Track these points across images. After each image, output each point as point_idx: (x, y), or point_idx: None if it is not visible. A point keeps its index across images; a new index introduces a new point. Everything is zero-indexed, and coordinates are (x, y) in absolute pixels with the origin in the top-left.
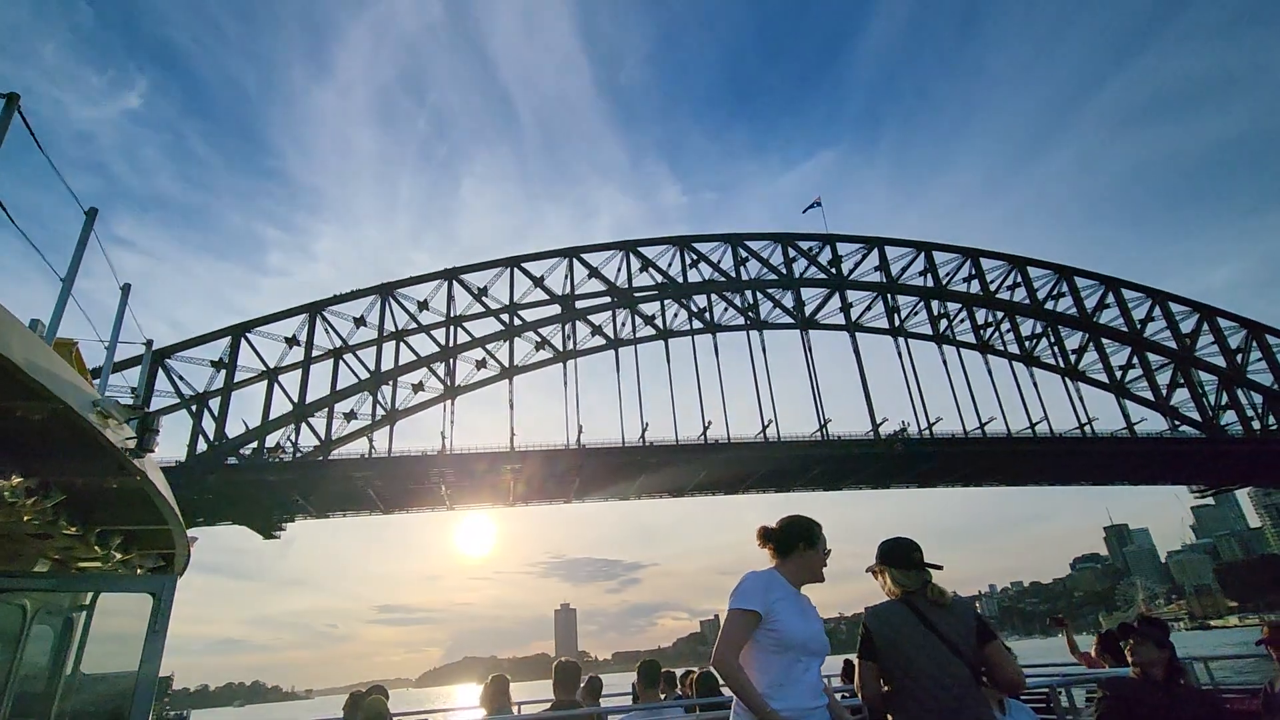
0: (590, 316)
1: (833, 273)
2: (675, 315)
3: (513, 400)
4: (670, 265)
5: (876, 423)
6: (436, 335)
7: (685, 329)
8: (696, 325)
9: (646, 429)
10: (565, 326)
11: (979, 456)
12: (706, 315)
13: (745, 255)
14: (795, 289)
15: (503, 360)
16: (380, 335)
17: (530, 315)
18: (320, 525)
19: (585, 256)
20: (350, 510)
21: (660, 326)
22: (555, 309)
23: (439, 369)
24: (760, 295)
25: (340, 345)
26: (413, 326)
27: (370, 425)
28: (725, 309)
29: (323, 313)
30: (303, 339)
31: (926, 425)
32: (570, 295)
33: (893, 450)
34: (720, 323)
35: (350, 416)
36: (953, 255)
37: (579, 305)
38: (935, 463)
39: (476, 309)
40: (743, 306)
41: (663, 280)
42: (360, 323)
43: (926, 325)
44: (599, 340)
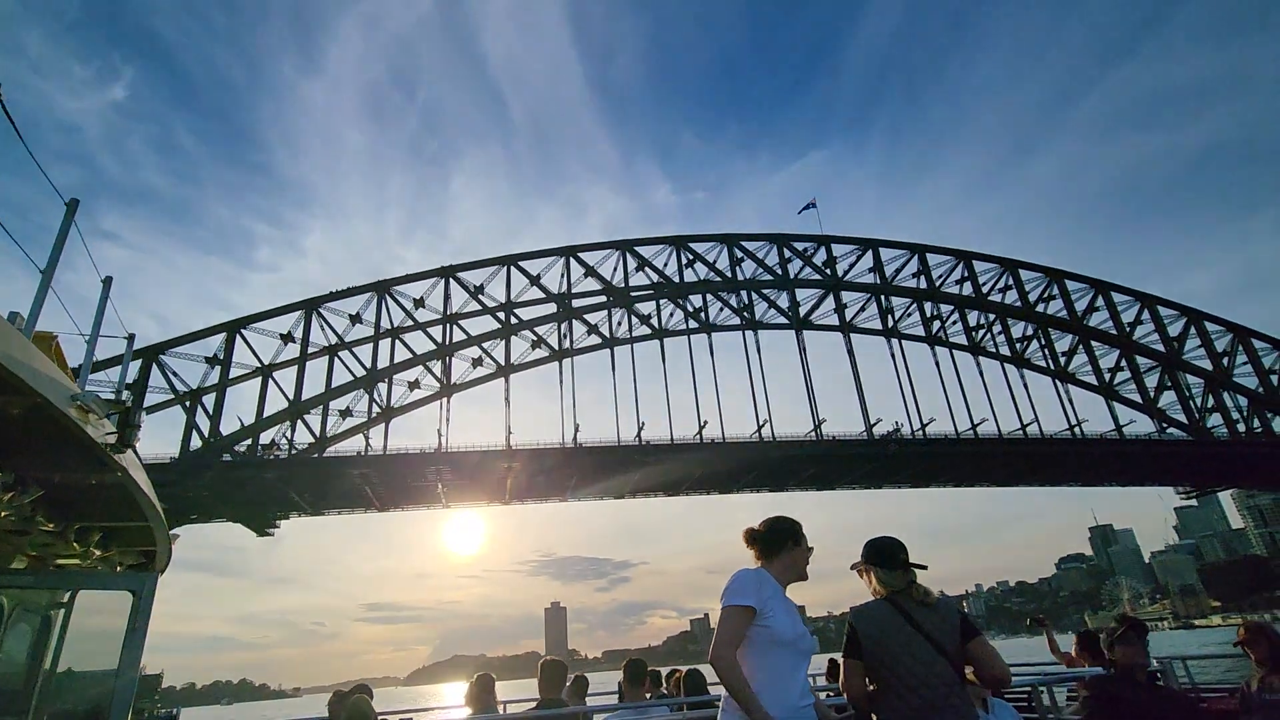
0: (586, 315)
1: (827, 274)
2: (671, 315)
3: (509, 398)
4: (666, 265)
5: (870, 423)
6: (433, 333)
7: (681, 328)
8: (692, 325)
9: (643, 428)
10: (561, 325)
11: (971, 457)
12: (702, 315)
13: (741, 255)
14: (790, 289)
15: (499, 358)
16: (377, 332)
17: (526, 314)
18: (307, 523)
19: (582, 255)
20: (346, 508)
21: (656, 326)
22: (551, 308)
23: (435, 367)
24: (755, 295)
25: (336, 342)
26: (409, 324)
27: (366, 423)
28: (720, 309)
29: (318, 309)
30: (298, 336)
31: (919, 426)
32: (567, 294)
33: (886, 451)
34: (715, 322)
35: (346, 414)
36: (946, 257)
37: (575, 304)
38: (928, 463)
39: (472, 307)
40: (738, 306)
41: (659, 280)
42: (356, 320)
43: (919, 327)
44: (595, 339)
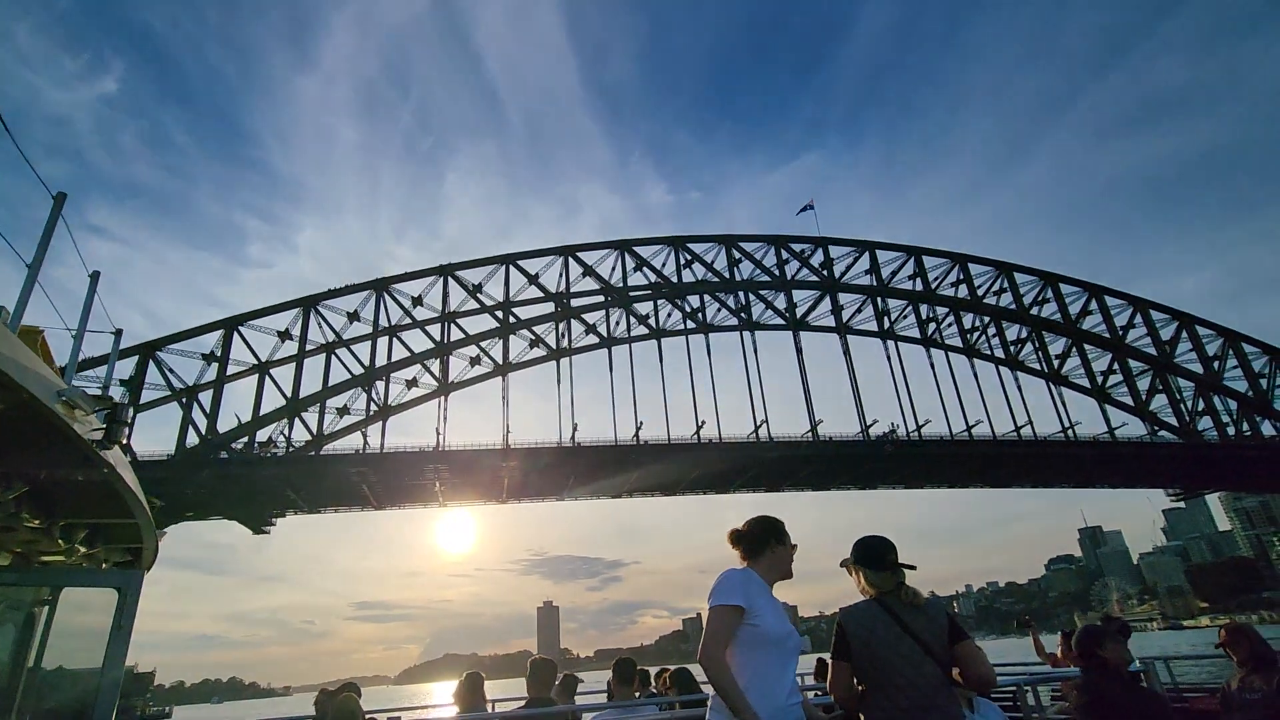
0: (584, 315)
1: (824, 275)
2: (669, 315)
3: (508, 398)
4: (664, 265)
5: (866, 424)
6: (431, 331)
7: (679, 329)
8: (689, 325)
9: (641, 427)
10: (559, 325)
11: (966, 459)
12: (699, 315)
13: (738, 256)
14: (787, 291)
15: (496, 358)
16: (375, 330)
17: (524, 313)
18: (298, 521)
19: (580, 255)
20: (343, 506)
21: (654, 326)
22: (550, 307)
23: (433, 365)
24: (753, 296)
25: (333, 340)
26: (407, 322)
27: (363, 420)
28: (718, 309)
29: (316, 307)
30: (295, 333)
31: (915, 427)
32: (565, 294)
33: (883, 452)
34: (713, 323)
35: (343, 412)
36: (942, 260)
37: (573, 304)
38: (924, 464)
39: (471, 305)
40: (735, 307)
41: (657, 280)
42: (354, 317)
43: (915, 329)
44: (592, 339)
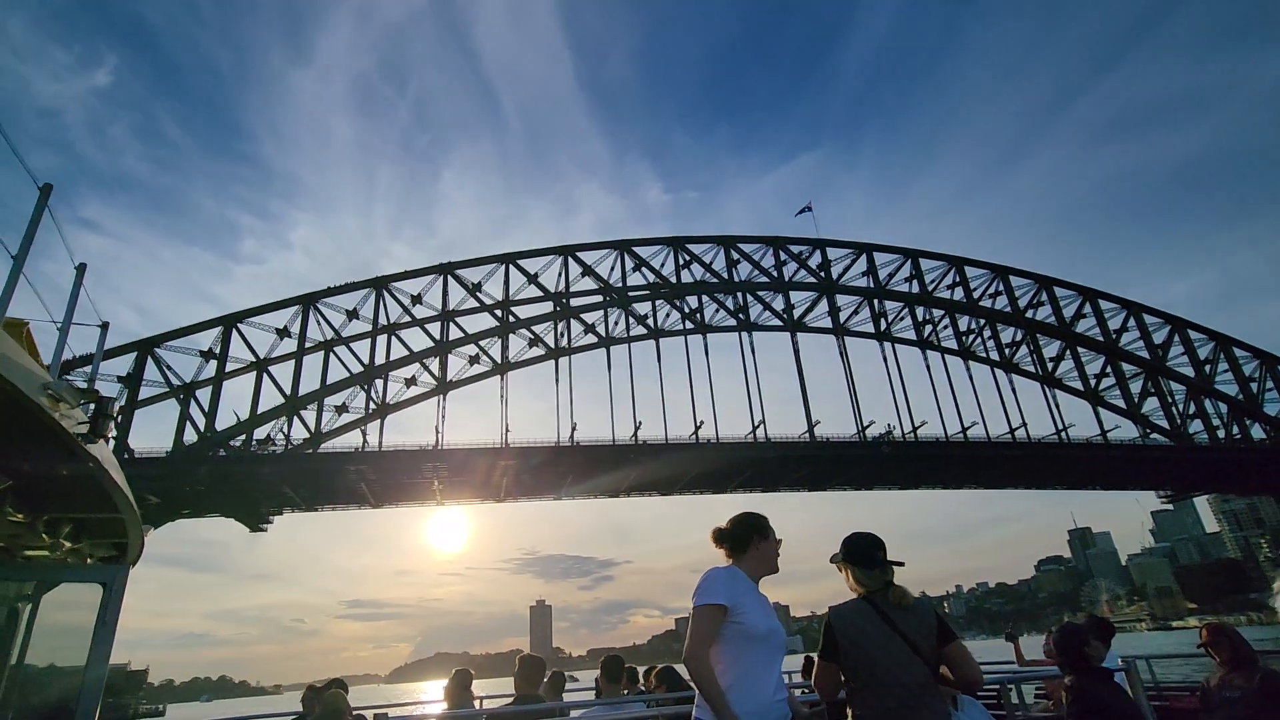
0: (583, 314)
1: (822, 276)
2: (668, 315)
3: (507, 397)
4: (663, 265)
5: (863, 425)
6: (430, 330)
7: (677, 329)
8: (688, 326)
9: (640, 427)
10: (558, 324)
11: (961, 460)
12: (698, 316)
13: (737, 257)
14: (785, 292)
15: (495, 357)
16: (374, 329)
17: (523, 312)
18: (288, 518)
19: (580, 255)
20: (340, 504)
21: (652, 326)
22: (549, 306)
23: (432, 364)
24: (751, 297)
25: (332, 338)
26: (406, 320)
27: (362, 419)
28: (716, 310)
29: (316, 305)
30: (294, 331)
31: (911, 428)
32: (564, 293)
33: (879, 453)
34: (711, 323)
35: (342, 410)
36: (938, 263)
37: (573, 304)
38: (920, 465)
39: (470, 304)
40: (734, 308)
41: (655, 280)
42: (353, 315)
43: (911, 330)
44: (591, 338)
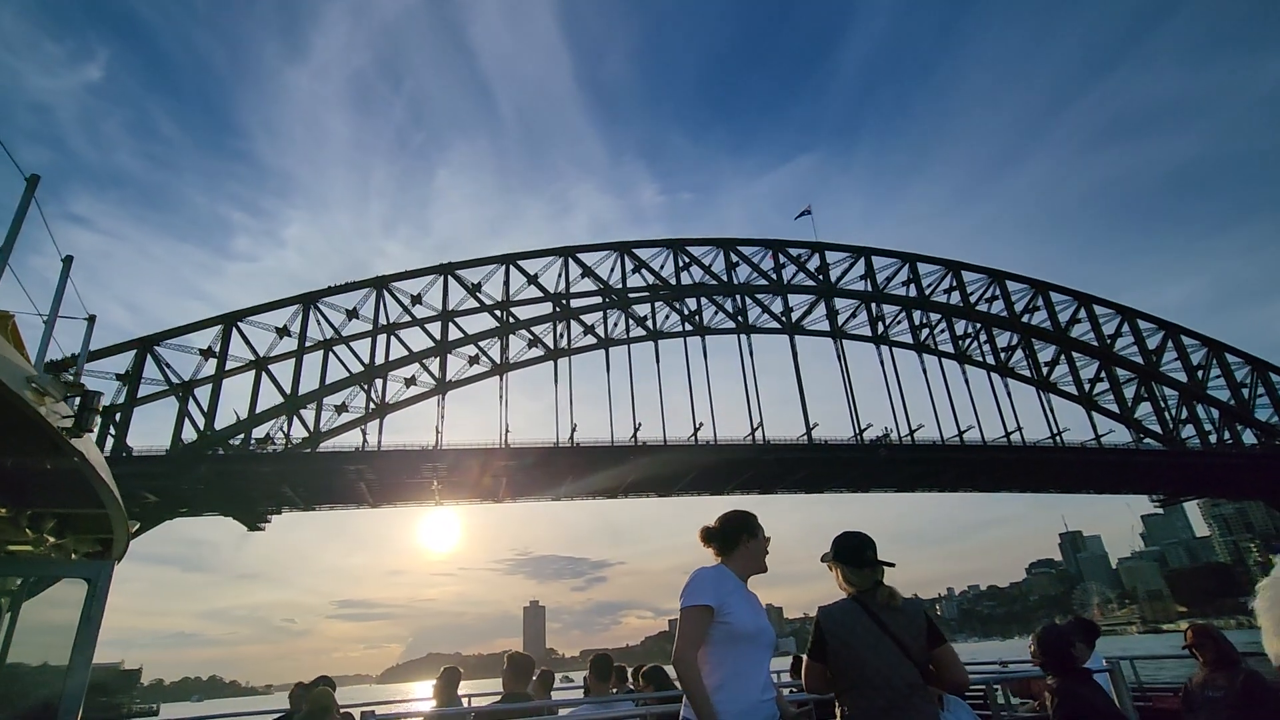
0: (583, 316)
1: (820, 280)
2: (667, 317)
3: (507, 398)
4: (663, 267)
5: (861, 428)
6: (430, 329)
7: (676, 330)
8: (687, 327)
9: (639, 428)
10: (558, 325)
11: (957, 463)
12: (697, 318)
13: (736, 260)
14: (784, 295)
15: (495, 357)
16: (375, 328)
17: (523, 313)
18: (280, 518)
19: (580, 256)
20: (339, 503)
21: (651, 327)
22: (548, 307)
23: (431, 364)
24: (749, 300)
25: (332, 337)
26: (406, 320)
27: (361, 418)
28: (715, 313)
29: (316, 304)
30: (294, 330)
31: (908, 431)
32: (564, 294)
33: (877, 455)
34: (710, 326)
35: (341, 409)
36: (936, 267)
37: (572, 304)
38: (916, 468)
39: (470, 305)
40: (732, 310)
41: (655, 282)
42: (353, 315)
43: (908, 334)
44: (590, 339)
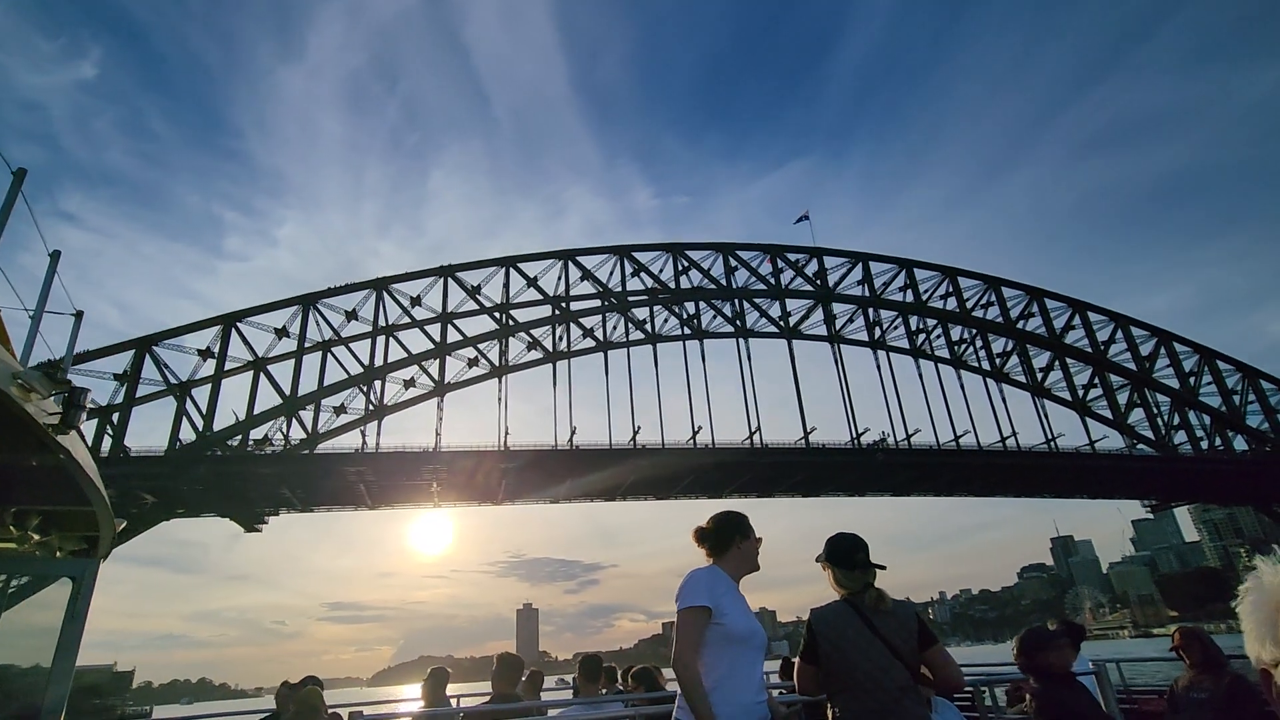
0: (582, 319)
1: (818, 284)
2: (665, 321)
3: (506, 400)
4: (662, 271)
5: (858, 432)
6: (430, 331)
7: (675, 334)
8: (686, 331)
9: (638, 432)
10: (557, 328)
11: (953, 468)
12: (695, 322)
13: (735, 264)
14: (782, 299)
15: (494, 359)
16: (374, 329)
17: (522, 315)
18: (273, 519)
19: (580, 259)
20: (337, 505)
21: (650, 331)
22: (547, 310)
23: (431, 366)
24: (747, 304)
25: (331, 338)
26: (405, 321)
27: (359, 420)
28: (713, 316)
29: (315, 305)
30: (293, 331)
31: (905, 436)
32: (564, 297)
33: (874, 460)
34: (708, 329)
35: (340, 410)
36: (932, 273)
37: (572, 307)
38: (912, 472)
39: (469, 306)
40: (730, 315)
41: (654, 285)
42: (352, 316)
43: (905, 339)
44: (589, 342)
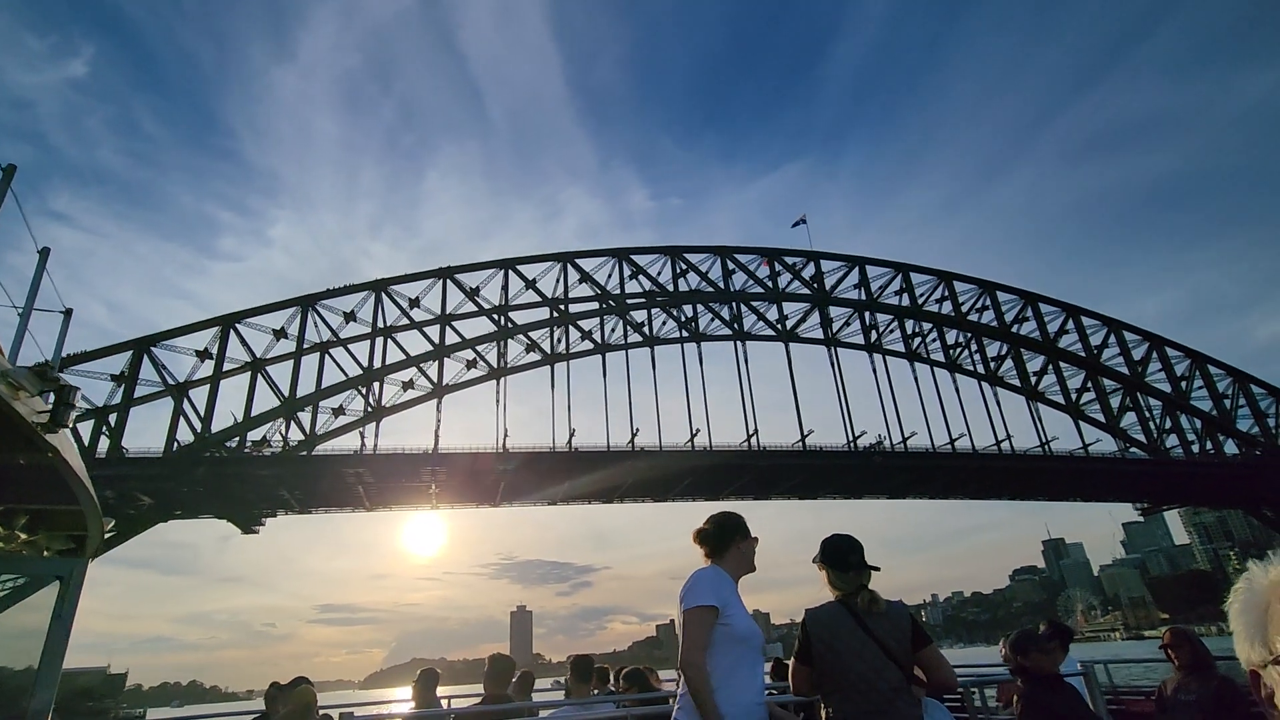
0: (580, 321)
1: (815, 288)
2: (664, 323)
3: (505, 402)
4: (660, 274)
5: (855, 435)
6: (429, 333)
7: (673, 337)
8: (683, 334)
9: (637, 434)
10: (555, 330)
11: (949, 471)
12: (693, 324)
13: (732, 268)
14: (779, 303)
15: (492, 361)
16: (373, 331)
17: (521, 317)
18: (266, 521)
19: (578, 262)
20: (335, 507)
21: (648, 333)
22: (545, 312)
23: (429, 368)
24: (745, 307)
25: (329, 339)
26: (404, 323)
27: (358, 421)
28: (711, 319)
29: (314, 306)
30: (291, 332)
31: (901, 439)
32: (563, 299)
33: (871, 462)
34: (706, 332)
35: (338, 412)
36: (928, 277)
37: (570, 310)
38: (909, 475)
39: (468, 308)
40: (728, 318)
41: (652, 288)
42: (350, 318)
43: (900, 343)
44: (587, 345)
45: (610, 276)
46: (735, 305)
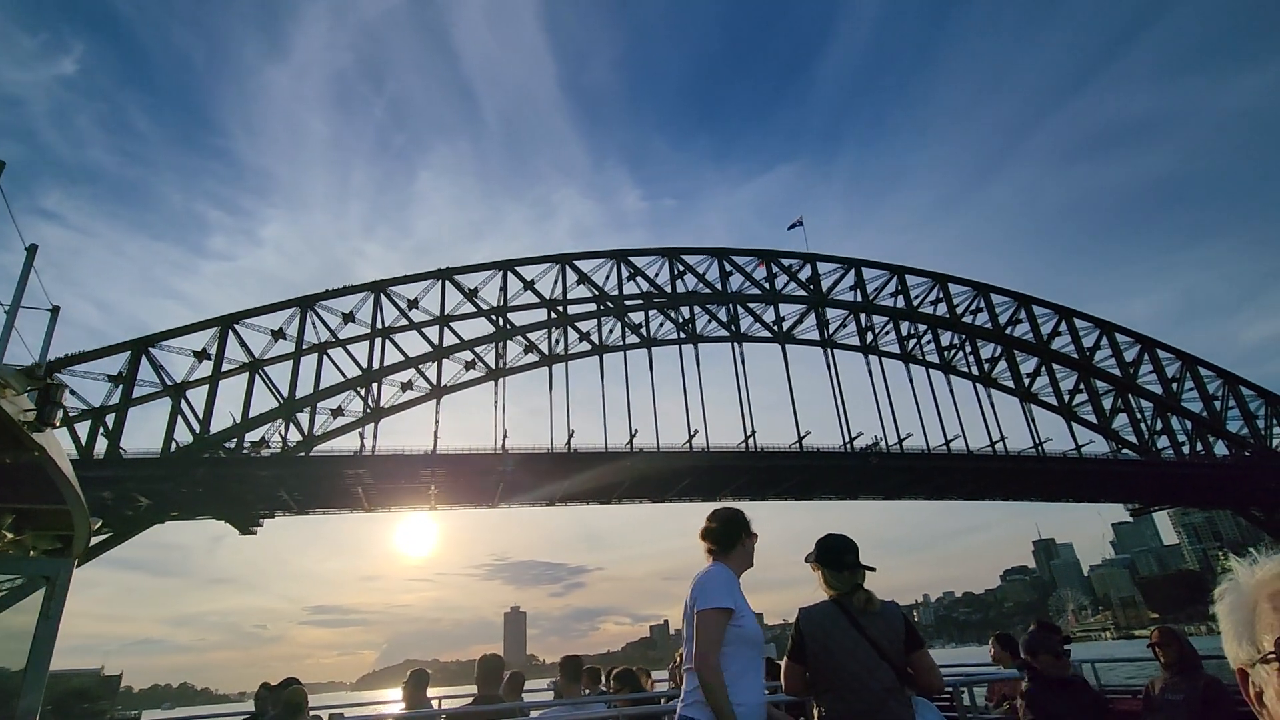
0: (578, 322)
1: (812, 290)
2: (661, 325)
3: (504, 403)
4: (658, 275)
5: (851, 436)
6: (427, 334)
7: (670, 338)
8: (681, 335)
9: (635, 434)
10: (554, 331)
11: (945, 472)
12: (690, 326)
13: (730, 269)
14: (776, 304)
15: (490, 362)
16: (372, 332)
17: (519, 318)
18: (264, 522)
19: (576, 263)
20: (334, 508)
21: (645, 335)
22: (544, 313)
23: (428, 369)
24: (742, 309)
25: (328, 340)
26: (402, 324)
27: (357, 421)
28: (708, 321)
29: (313, 307)
30: (289, 332)
31: (897, 440)
32: (561, 300)
33: (868, 464)
34: (703, 333)
35: (337, 413)
36: (923, 279)
37: (569, 311)
38: (905, 476)
39: (466, 309)
40: (725, 319)
41: (649, 290)
42: (349, 318)
43: (895, 344)
44: (585, 346)
45: (608, 278)
46: (732, 307)
